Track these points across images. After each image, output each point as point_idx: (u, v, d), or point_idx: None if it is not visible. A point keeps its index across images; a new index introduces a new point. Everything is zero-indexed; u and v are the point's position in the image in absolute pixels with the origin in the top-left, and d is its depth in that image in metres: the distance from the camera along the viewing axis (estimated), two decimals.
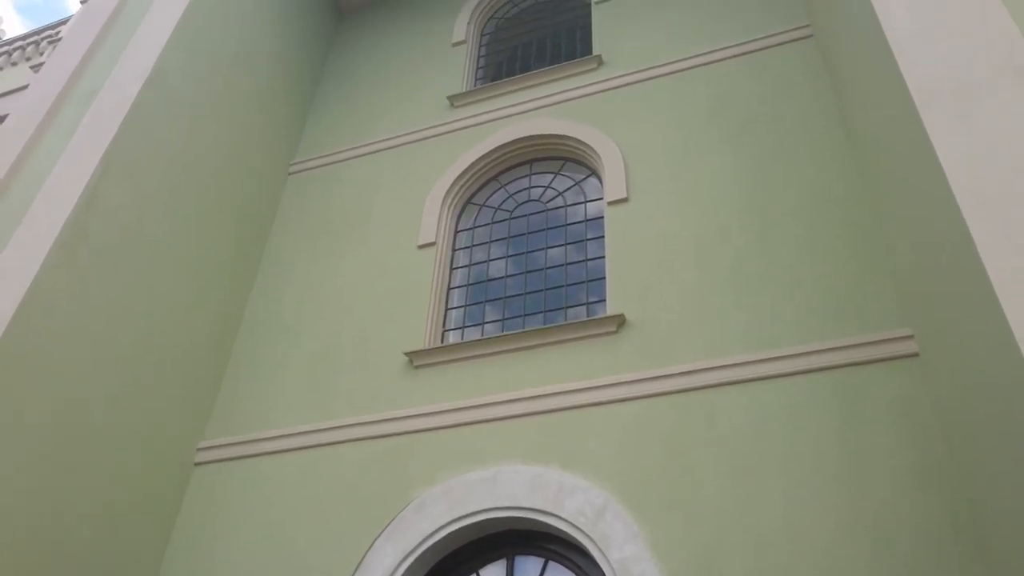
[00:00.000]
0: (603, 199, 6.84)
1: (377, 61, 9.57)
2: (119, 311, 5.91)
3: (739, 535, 4.59)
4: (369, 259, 7.27)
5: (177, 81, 7.05)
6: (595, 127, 7.30)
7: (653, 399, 5.33)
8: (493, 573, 5.30)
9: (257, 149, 8.10)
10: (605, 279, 6.28)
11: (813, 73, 6.77)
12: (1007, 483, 3.52)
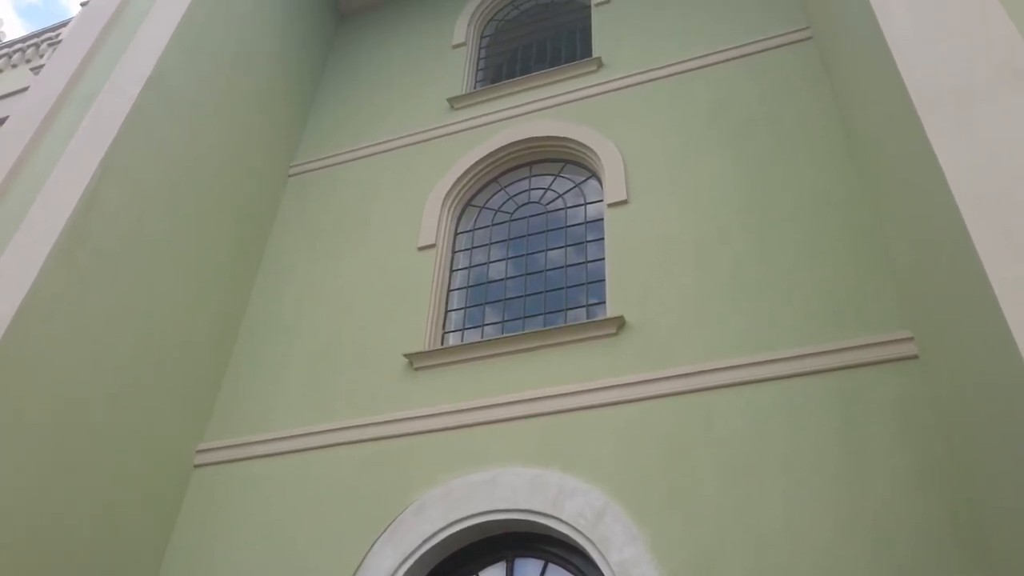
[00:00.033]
0: (603, 201, 6.84)
1: (377, 63, 9.57)
2: (119, 313, 5.92)
3: (739, 538, 4.59)
4: (369, 261, 7.27)
5: (177, 83, 7.05)
6: (595, 129, 7.30)
7: (653, 401, 5.33)
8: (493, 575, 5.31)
9: (257, 150, 8.10)
10: (605, 281, 6.28)
11: (813, 76, 6.78)
12: (1007, 484, 3.52)
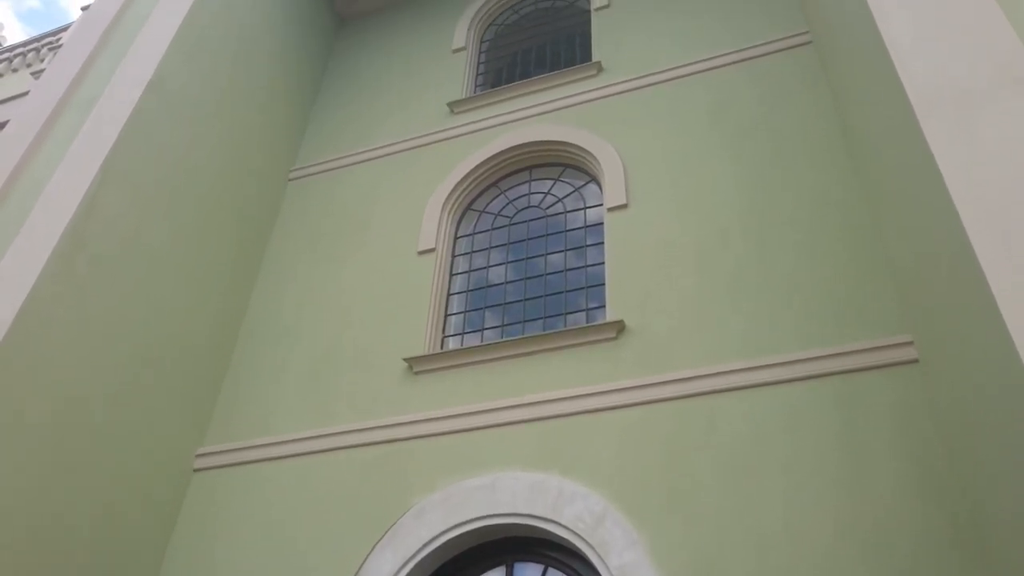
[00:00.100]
0: (603, 205, 6.85)
1: (377, 67, 9.58)
2: (119, 317, 5.92)
3: (738, 542, 4.58)
4: (369, 265, 7.27)
5: (178, 87, 7.06)
6: (595, 133, 7.31)
7: (652, 405, 5.33)
8: None
9: (258, 154, 8.11)
10: (605, 285, 6.28)
11: (812, 80, 6.78)
12: (1006, 489, 3.52)
